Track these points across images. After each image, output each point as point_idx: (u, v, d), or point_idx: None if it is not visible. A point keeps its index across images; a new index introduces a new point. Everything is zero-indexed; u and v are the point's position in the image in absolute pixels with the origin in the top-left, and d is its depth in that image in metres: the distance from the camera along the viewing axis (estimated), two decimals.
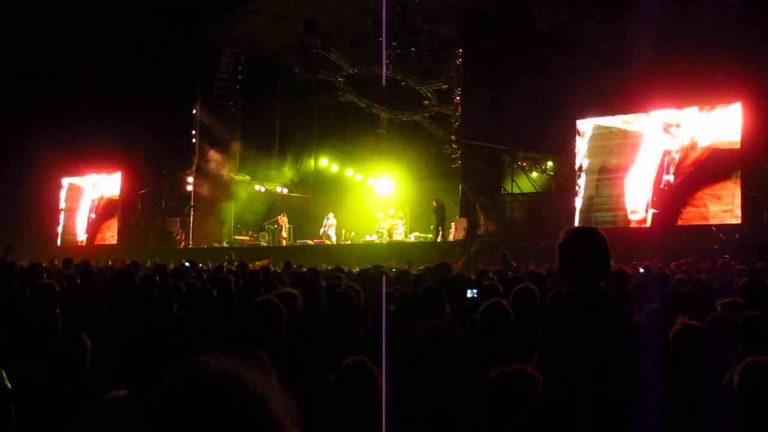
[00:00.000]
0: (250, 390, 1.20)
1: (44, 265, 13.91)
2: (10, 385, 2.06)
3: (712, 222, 17.95)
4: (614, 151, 19.80)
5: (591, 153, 20.17)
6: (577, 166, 20.32)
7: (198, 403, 1.16)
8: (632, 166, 19.40)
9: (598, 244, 3.26)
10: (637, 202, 19.18)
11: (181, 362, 1.23)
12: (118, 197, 28.71)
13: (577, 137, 20.38)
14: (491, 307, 4.47)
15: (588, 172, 20.12)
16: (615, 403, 3.02)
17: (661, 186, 18.76)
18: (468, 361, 2.01)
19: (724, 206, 17.76)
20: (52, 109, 27.23)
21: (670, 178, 18.66)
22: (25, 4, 25.06)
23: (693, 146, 18.37)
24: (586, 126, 20.32)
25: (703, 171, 18.22)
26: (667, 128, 18.90)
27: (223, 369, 1.21)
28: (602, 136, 20.13)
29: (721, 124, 18.05)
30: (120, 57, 25.55)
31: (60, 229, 30.63)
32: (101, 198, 29.47)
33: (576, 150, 20.37)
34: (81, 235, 29.91)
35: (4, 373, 2.08)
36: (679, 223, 18.44)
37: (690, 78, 17.47)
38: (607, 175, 19.83)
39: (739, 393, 3.23)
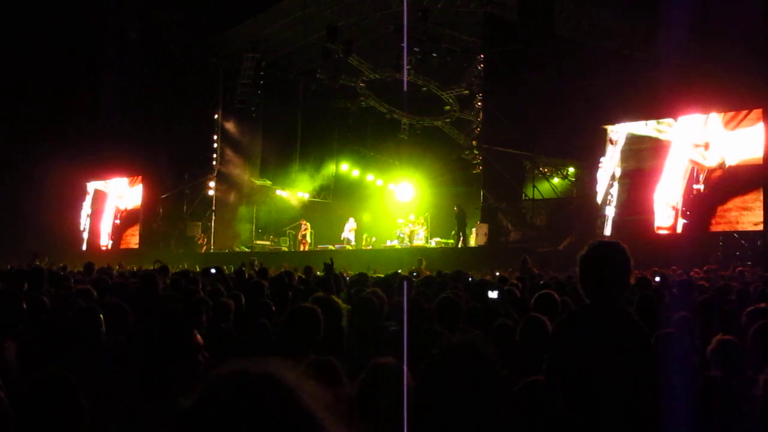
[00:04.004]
0: (289, 388, 1.23)
1: (69, 270, 14.03)
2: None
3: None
4: (645, 157, 19.66)
5: (622, 160, 20.09)
6: (609, 174, 20.22)
7: (237, 403, 1.20)
8: (661, 174, 19.26)
9: (619, 260, 3.21)
10: (666, 210, 19.03)
11: (220, 367, 1.27)
12: (140, 206, 28.81)
13: (609, 145, 20.30)
14: (533, 319, 4.55)
15: (619, 179, 20.04)
16: (620, 418, 3.01)
17: (692, 195, 18.60)
18: (495, 380, 2.01)
19: (755, 218, 17.60)
20: (74, 116, 27.58)
21: (700, 187, 18.50)
22: (46, 12, 25.36)
23: (721, 165, 18.23)
24: (618, 134, 20.23)
25: (732, 183, 18.08)
26: (695, 148, 18.77)
27: (261, 369, 1.25)
28: (634, 142, 20.02)
29: (747, 141, 17.91)
30: (142, 62, 25.81)
31: (86, 235, 30.90)
32: (125, 209, 29.65)
33: (606, 157, 20.28)
34: (105, 240, 30.13)
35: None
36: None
37: (714, 84, 17.36)
38: (637, 181, 19.73)
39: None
